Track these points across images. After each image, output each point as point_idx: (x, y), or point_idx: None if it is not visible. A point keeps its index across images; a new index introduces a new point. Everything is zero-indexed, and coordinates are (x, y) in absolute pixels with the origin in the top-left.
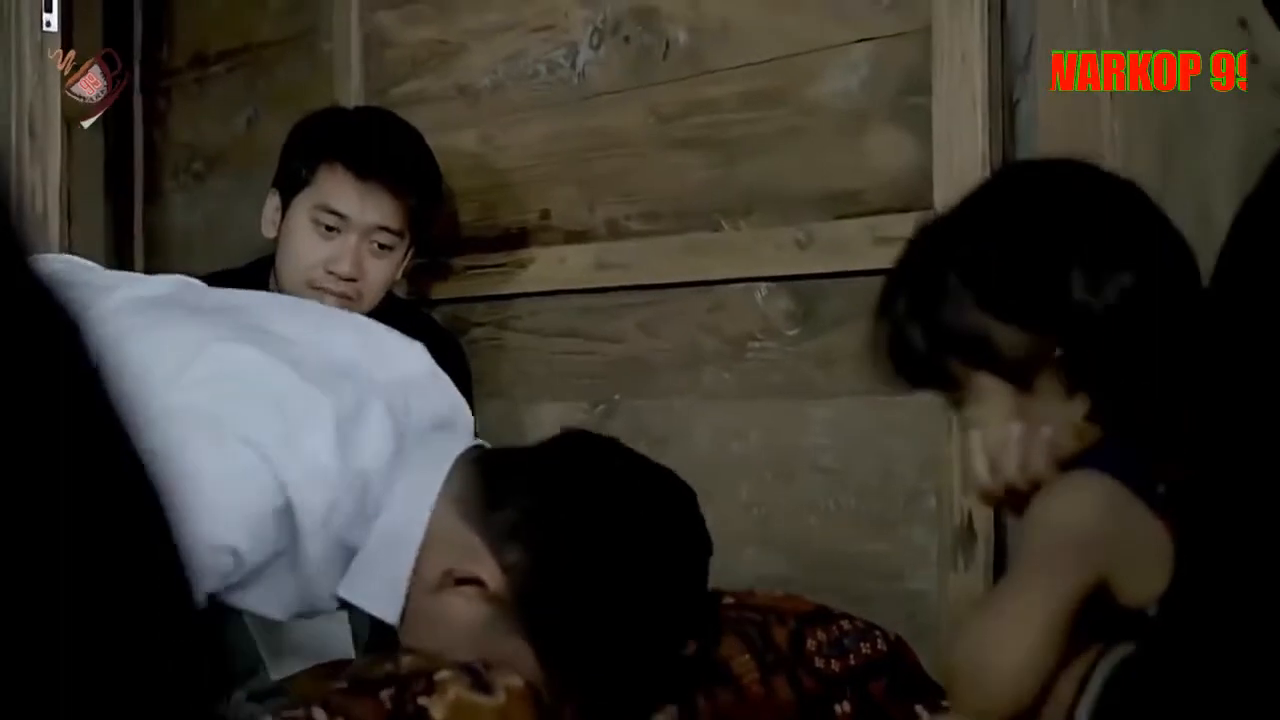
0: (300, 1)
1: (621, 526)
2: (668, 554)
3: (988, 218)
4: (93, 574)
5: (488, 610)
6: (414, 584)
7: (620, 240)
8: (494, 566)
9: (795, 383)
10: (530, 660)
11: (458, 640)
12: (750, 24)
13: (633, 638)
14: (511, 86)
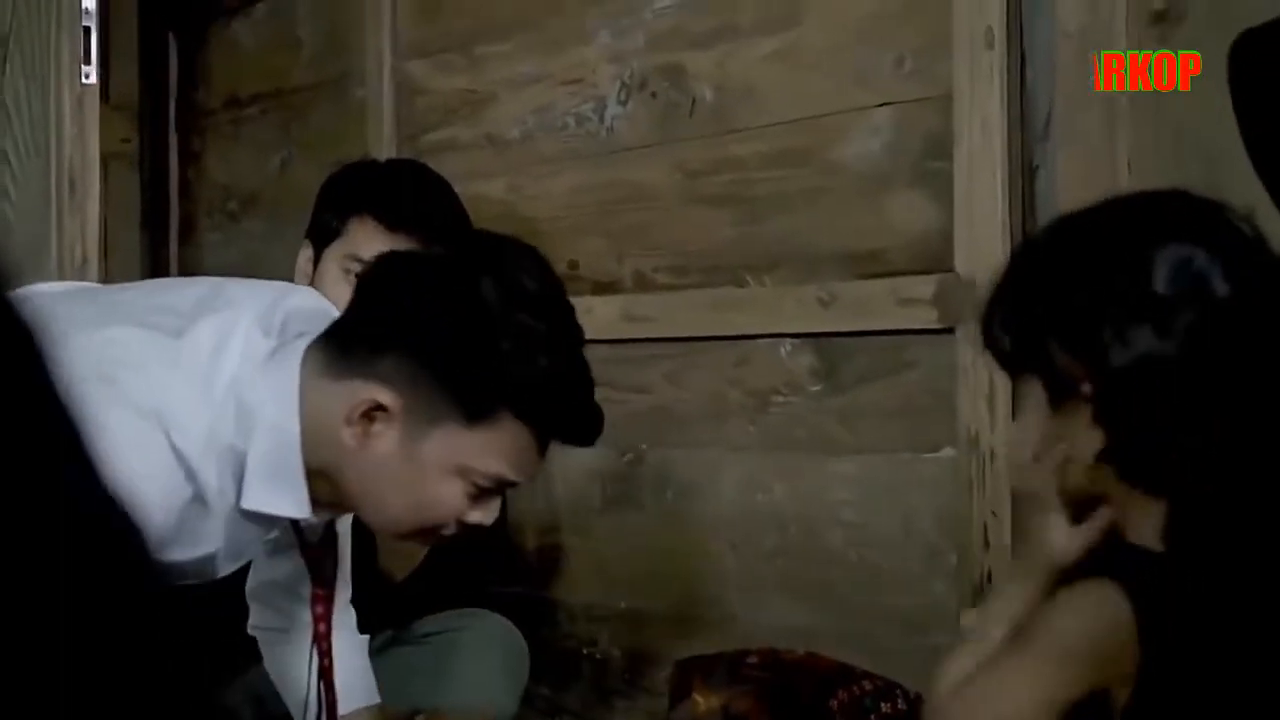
0: (333, 48)
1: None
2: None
3: (1073, 237)
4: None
5: (403, 420)
6: (332, 462)
7: (647, 292)
8: (379, 388)
9: (819, 437)
10: (458, 424)
11: (405, 464)
12: (775, 85)
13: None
14: (540, 138)
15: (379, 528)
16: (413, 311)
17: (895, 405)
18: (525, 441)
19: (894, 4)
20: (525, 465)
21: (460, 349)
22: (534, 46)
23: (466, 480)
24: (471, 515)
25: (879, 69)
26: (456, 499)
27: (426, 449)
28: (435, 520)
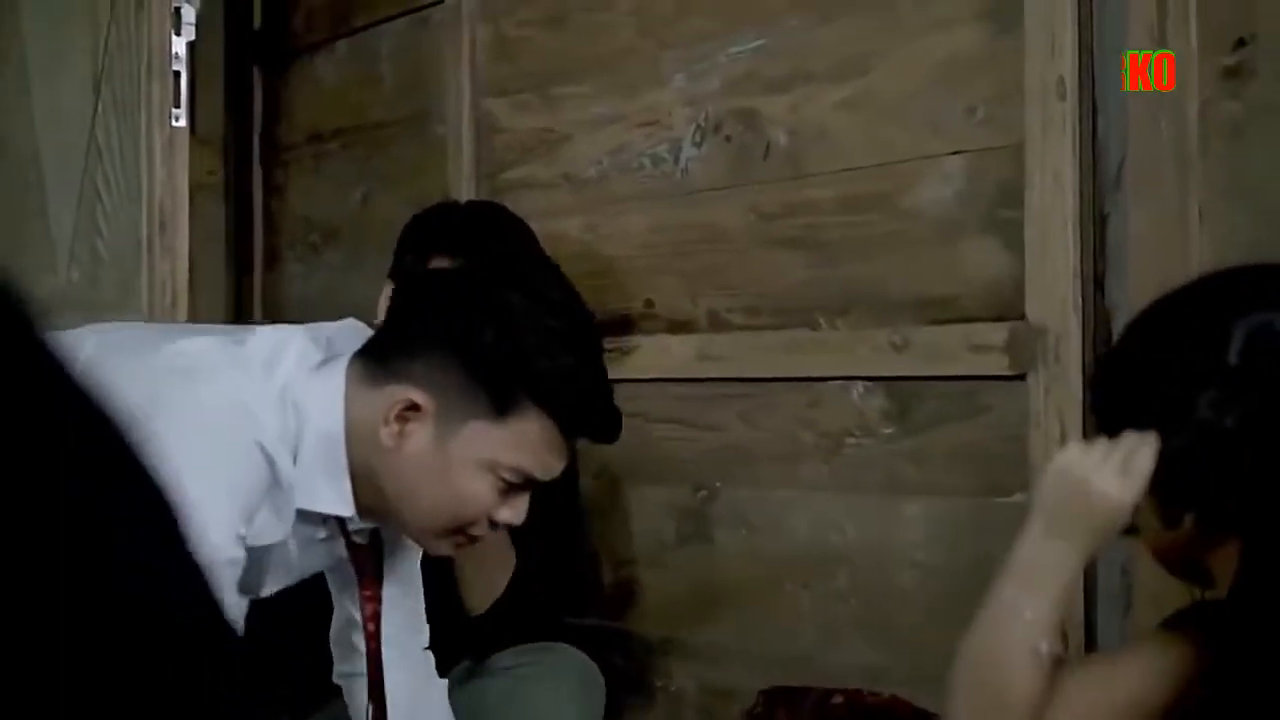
0: (414, 85)
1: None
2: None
3: (1165, 308)
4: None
5: (435, 418)
6: (372, 464)
7: (721, 332)
8: (413, 390)
9: (890, 479)
10: (487, 420)
11: (437, 460)
12: (848, 131)
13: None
14: (616, 178)
15: (416, 530)
16: (443, 317)
17: (967, 449)
18: (549, 437)
19: (966, 53)
20: (550, 462)
21: (487, 346)
22: (610, 88)
23: (495, 475)
24: (501, 514)
25: (951, 117)
26: (486, 494)
27: (457, 445)
28: (466, 516)
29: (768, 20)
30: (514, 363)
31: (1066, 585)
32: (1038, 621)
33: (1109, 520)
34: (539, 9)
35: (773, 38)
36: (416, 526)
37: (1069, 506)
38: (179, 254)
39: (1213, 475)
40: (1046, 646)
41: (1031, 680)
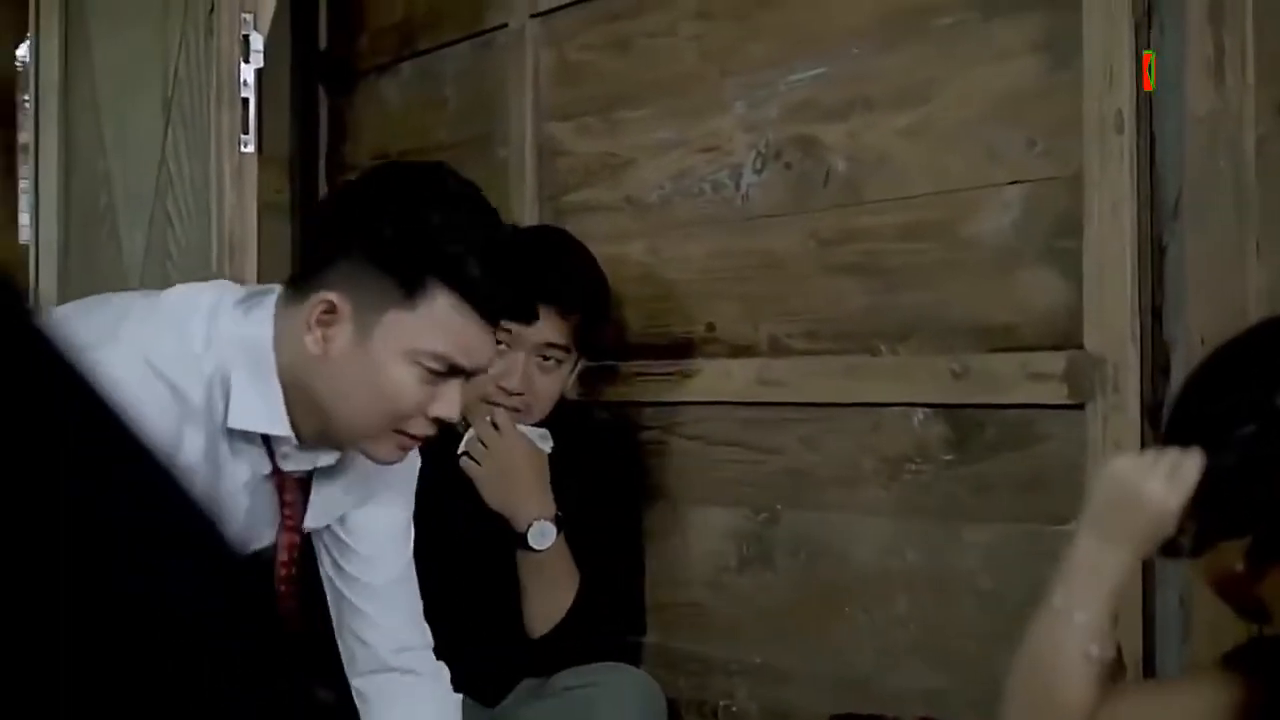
0: (477, 108)
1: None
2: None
3: (1227, 349)
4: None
5: (353, 316)
6: (304, 376)
7: (782, 357)
8: (328, 292)
9: (951, 505)
10: (400, 308)
11: (361, 357)
12: (907, 159)
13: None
14: (678, 202)
15: (354, 433)
16: (347, 220)
17: (1025, 477)
18: (464, 318)
19: (1025, 84)
20: (470, 346)
21: (391, 235)
22: (671, 113)
23: (418, 365)
24: (434, 408)
25: (1010, 147)
26: (411, 385)
27: (377, 339)
28: (398, 411)
29: (828, 48)
30: (417, 245)
31: (1117, 588)
32: (1089, 625)
33: (1157, 524)
34: (602, 34)
35: (833, 65)
36: (353, 430)
37: (1118, 510)
38: (248, 279)
39: (1254, 501)
40: (1097, 650)
41: (1083, 684)
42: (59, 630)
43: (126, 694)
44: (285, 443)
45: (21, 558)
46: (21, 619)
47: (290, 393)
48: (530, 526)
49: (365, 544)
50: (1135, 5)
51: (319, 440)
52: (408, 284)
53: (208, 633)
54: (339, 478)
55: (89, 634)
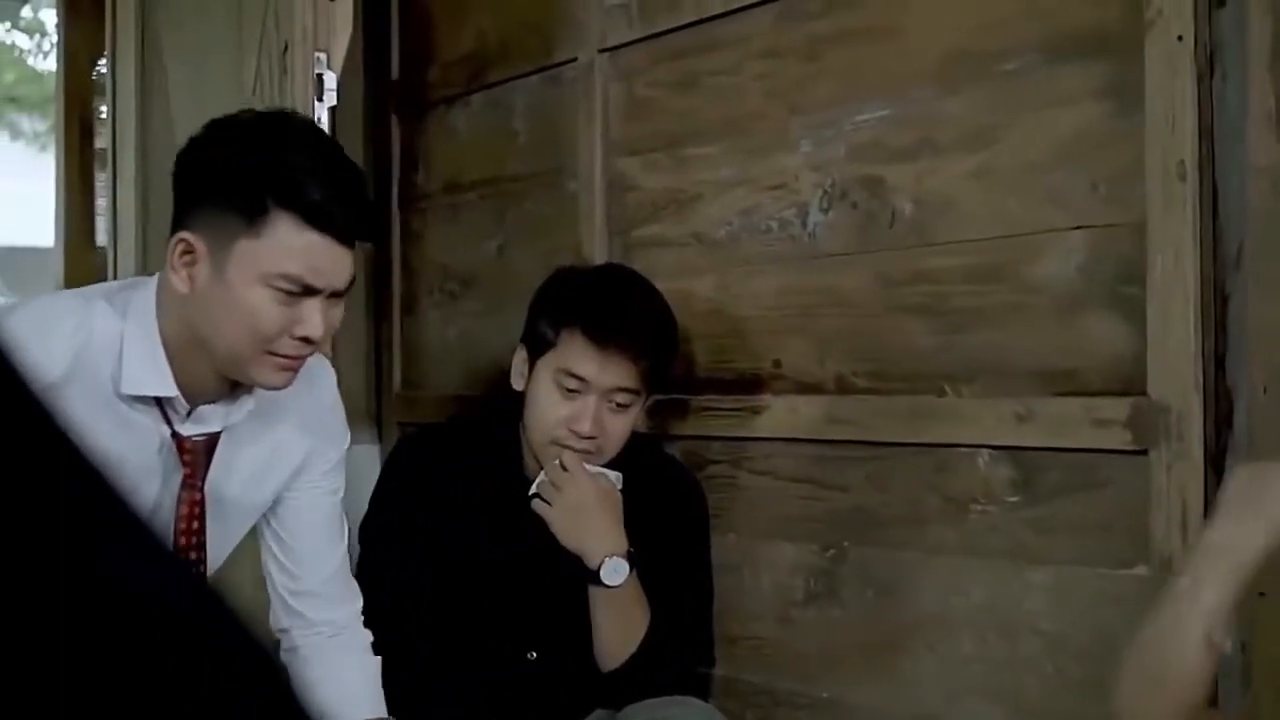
0: (547, 141)
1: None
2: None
3: None
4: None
5: (208, 253)
6: (183, 321)
7: (849, 395)
8: (183, 235)
9: (1016, 546)
10: (246, 237)
11: (221, 288)
12: (972, 202)
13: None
14: (745, 239)
15: (231, 360)
16: (195, 165)
17: (1089, 520)
18: (307, 238)
19: (1089, 130)
20: (316, 265)
21: (231, 167)
22: (738, 151)
23: (270, 287)
24: (298, 328)
25: (1074, 192)
26: (269, 307)
27: (231, 269)
28: (264, 332)
29: (894, 90)
30: (254, 174)
31: (1247, 569)
32: (1215, 607)
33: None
34: (669, 71)
35: (899, 107)
36: (230, 357)
37: (1252, 491)
38: None
39: None
40: (1219, 636)
41: (1200, 670)
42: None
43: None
44: (175, 405)
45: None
46: None
47: (174, 349)
48: (603, 563)
49: (295, 520)
50: (1197, 54)
51: (205, 396)
52: (249, 212)
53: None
54: (241, 437)
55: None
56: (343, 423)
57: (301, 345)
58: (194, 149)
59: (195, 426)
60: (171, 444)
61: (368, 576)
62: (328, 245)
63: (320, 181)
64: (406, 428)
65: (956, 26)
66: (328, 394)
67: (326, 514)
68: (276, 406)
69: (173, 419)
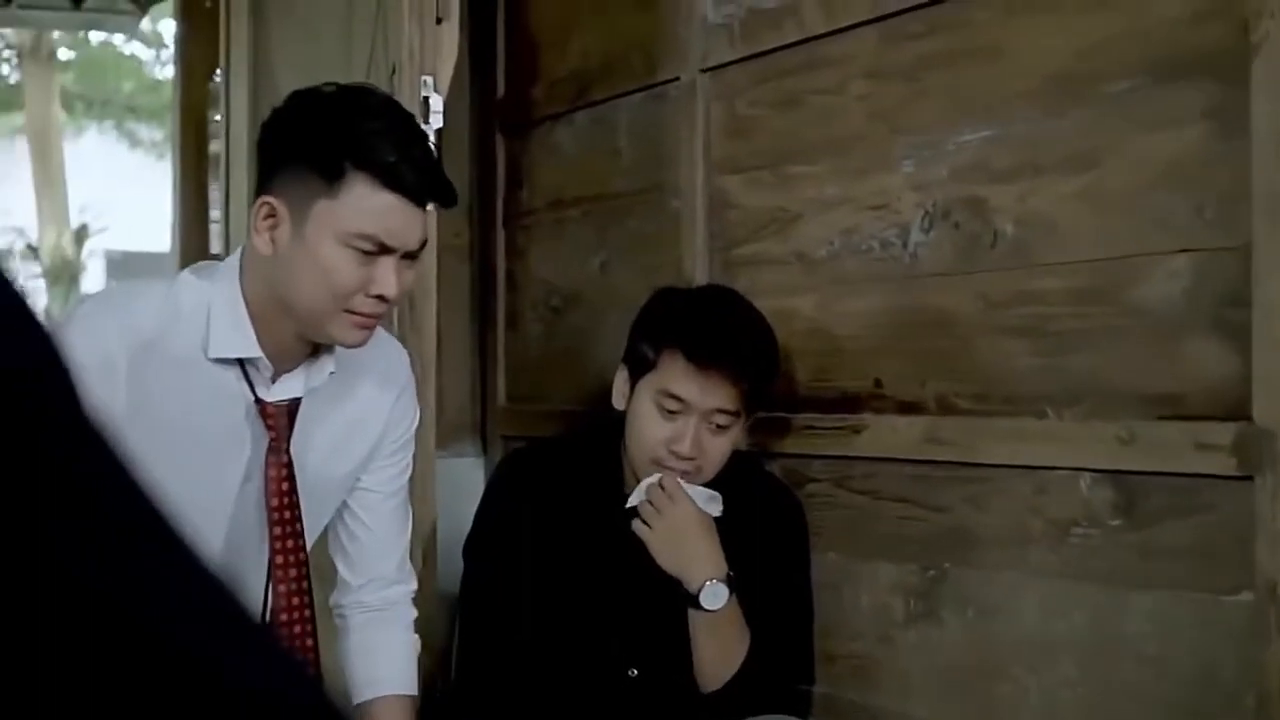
0: (650, 159)
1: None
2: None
3: None
4: None
5: (289, 214)
6: (266, 283)
7: (949, 416)
8: (266, 198)
9: (1117, 570)
10: (325, 198)
11: (301, 247)
12: (1075, 224)
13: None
14: (846, 258)
15: (309, 317)
16: (278, 133)
17: (1193, 545)
18: (382, 198)
19: (1194, 153)
20: (390, 225)
21: (311, 132)
22: (840, 170)
23: (348, 247)
24: (373, 287)
25: (1178, 215)
26: (346, 264)
27: (311, 229)
28: (338, 289)
29: (996, 111)
30: (333, 137)
31: None
32: None
33: None
34: (771, 90)
35: (1001, 128)
36: (310, 315)
37: None
38: (426, 331)
39: None
40: None
41: None
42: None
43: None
44: (259, 367)
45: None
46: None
47: (258, 318)
48: (703, 587)
49: (366, 511)
50: None
51: (287, 360)
52: (328, 174)
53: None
54: (321, 406)
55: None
56: (414, 401)
57: (377, 303)
58: (277, 118)
59: (278, 392)
60: (255, 409)
61: (472, 593)
62: (401, 205)
63: (394, 146)
64: (510, 441)
65: (1059, 48)
66: (402, 372)
67: (395, 504)
68: (353, 380)
69: (256, 385)
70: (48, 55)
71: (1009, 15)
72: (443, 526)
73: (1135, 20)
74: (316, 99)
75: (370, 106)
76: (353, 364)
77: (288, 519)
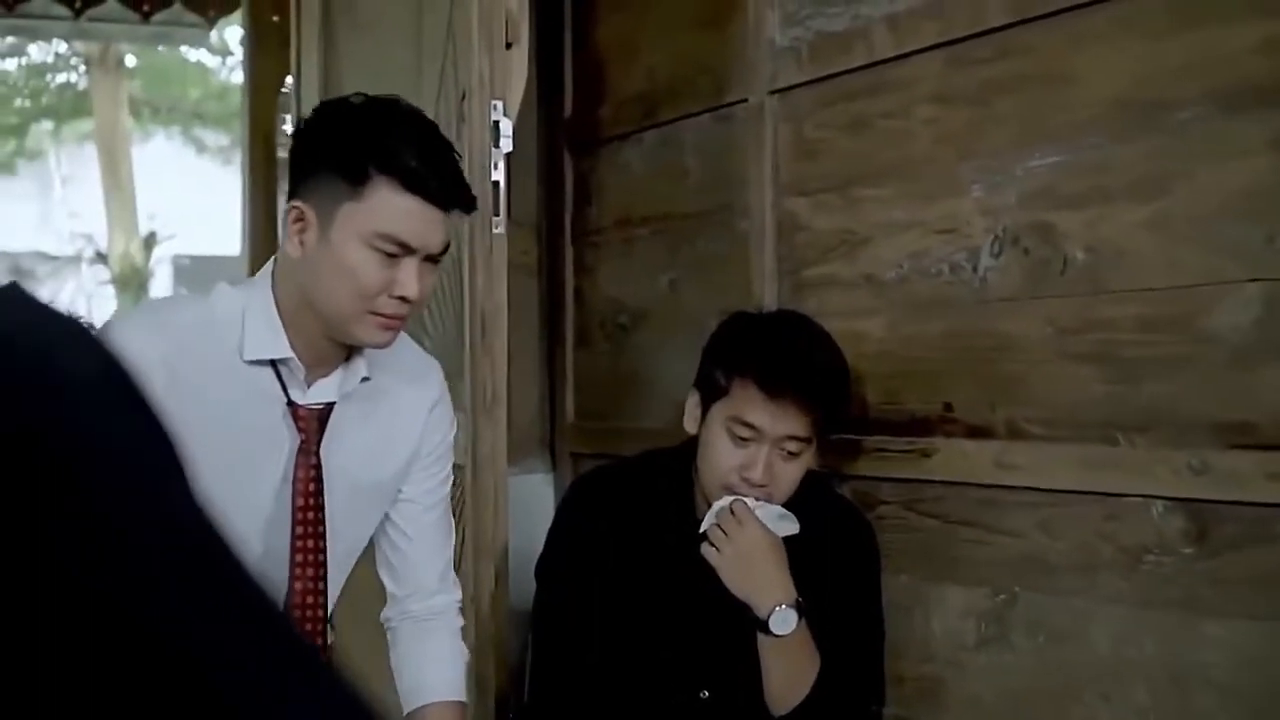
0: (717, 180)
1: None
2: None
3: None
4: None
5: (316, 217)
6: (297, 286)
7: (1019, 441)
8: (295, 204)
9: (1189, 598)
10: (349, 200)
11: (327, 250)
12: (1145, 251)
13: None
14: (916, 281)
15: (336, 318)
16: (307, 142)
17: (1267, 575)
18: (405, 201)
19: (1264, 181)
20: (413, 226)
21: (338, 139)
22: (909, 193)
23: (371, 248)
24: (396, 288)
25: (1249, 244)
26: (369, 264)
27: (336, 231)
28: (365, 289)
29: (1065, 136)
30: (359, 143)
31: None
32: None
33: None
34: (839, 113)
35: (1070, 154)
36: (335, 315)
37: None
38: (498, 356)
39: None
40: None
41: None
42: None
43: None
44: (291, 368)
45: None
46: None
47: (289, 321)
48: (772, 613)
49: (409, 523)
50: None
51: (319, 364)
52: (353, 178)
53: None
54: (354, 414)
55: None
56: (450, 413)
57: (400, 304)
58: (307, 127)
59: (312, 396)
60: (288, 412)
61: (546, 615)
62: (422, 208)
63: (417, 151)
64: (579, 458)
65: (1128, 75)
66: (434, 387)
67: (436, 516)
68: (388, 391)
69: (290, 388)
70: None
71: (1077, 41)
72: (512, 541)
73: (1205, 48)
74: (344, 108)
75: (395, 115)
76: (387, 376)
77: (310, 519)
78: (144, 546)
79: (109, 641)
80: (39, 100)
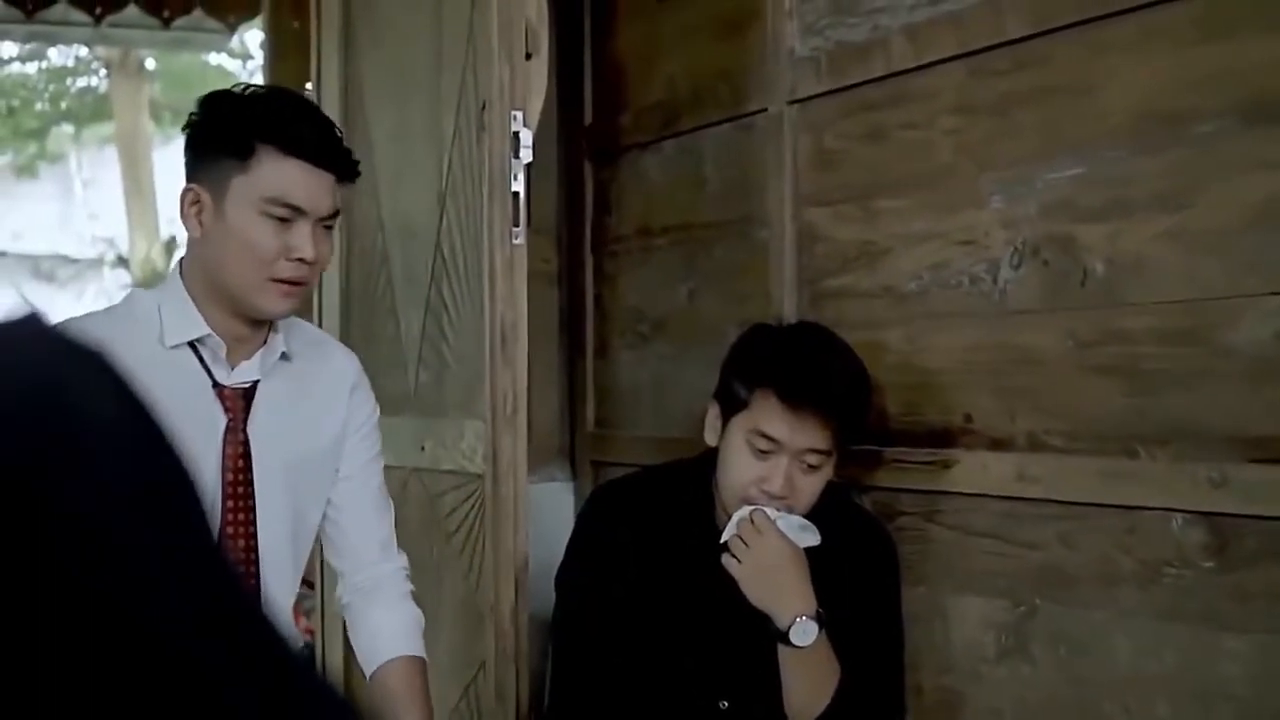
0: (737, 189)
1: None
2: None
3: None
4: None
5: (210, 196)
6: (203, 267)
7: (1039, 453)
8: (189, 186)
9: (1210, 612)
10: (238, 174)
11: (223, 224)
12: (1165, 263)
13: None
14: (935, 293)
15: (240, 289)
16: (195, 132)
17: None
18: (290, 164)
19: None
20: (301, 189)
21: (220, 121)
22: (929, 205)
23: (264, 215)
24: (293, 251)
25: (1270, 257)
26: (266, 231)
27: (229, 205)
28: (263, 256)
29: (1086, 148)
30: (241, 121)
31: None
32: None
33: None
34: (859, 123)
35: (1091, 166)
36: (239, 289)
37: None
38: (518, 365)
39: None
40: None
41: None
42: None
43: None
44: (213, 349)
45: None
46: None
47: (201, 303)
48: (793, 624)
49: (346, 500)
50: None
51: (237, 344)
52: (240, 153)
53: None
54: (277, 393)
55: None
56: (370, 394)
57: (298, 267)
58: (194, 120)
59: (236, 377)
60: (216, 395)
61: (566, 624)
62: (307, 171)
63: (297, 119)
64: (599, 466)
65: (1150, 87)
66: (352, 372)
67: (371, 491)
68: (308, 376)
69: (214, 370)
70: (136, 66)
71: (1097, 53)
72: (532, 551)
73: (1226, 60)
74: (229, 96)
75: (277, 94)
76: (308, 361)
77: (240, 494)
78: (144, 547)
79: (109, 642)
80: (59, 104)
